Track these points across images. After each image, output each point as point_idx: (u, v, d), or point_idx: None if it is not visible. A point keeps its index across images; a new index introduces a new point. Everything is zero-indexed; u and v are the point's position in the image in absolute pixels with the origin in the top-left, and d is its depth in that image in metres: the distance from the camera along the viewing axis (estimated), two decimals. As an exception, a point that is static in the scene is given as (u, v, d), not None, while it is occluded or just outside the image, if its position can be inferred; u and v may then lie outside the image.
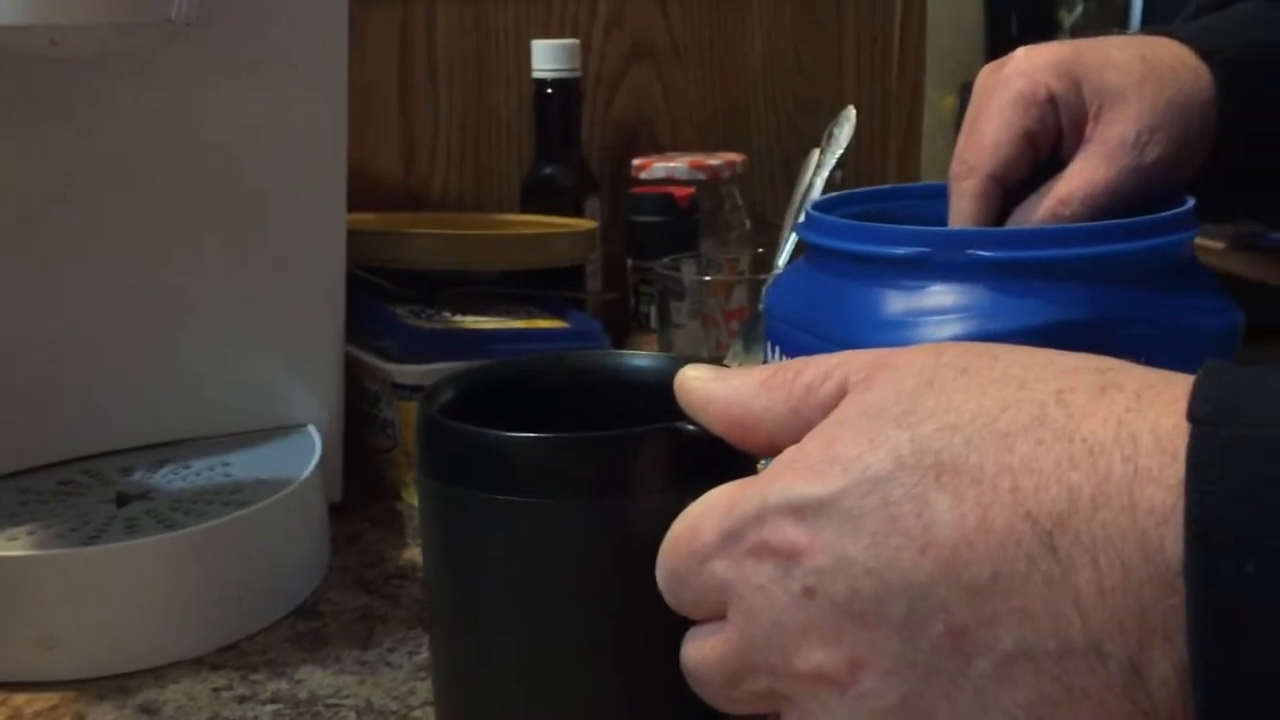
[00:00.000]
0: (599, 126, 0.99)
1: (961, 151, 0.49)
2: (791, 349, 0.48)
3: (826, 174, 0.72)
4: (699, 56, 1.02)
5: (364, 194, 0.84)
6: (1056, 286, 0.42)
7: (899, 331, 0.43)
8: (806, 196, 0.72)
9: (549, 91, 0.89)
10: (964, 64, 1.18)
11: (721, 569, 0.30)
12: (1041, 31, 1.24)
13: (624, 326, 0.87)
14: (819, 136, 0.76)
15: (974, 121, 0.49)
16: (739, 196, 0.94)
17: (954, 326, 0.42)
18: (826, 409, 0.31)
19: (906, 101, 1.10)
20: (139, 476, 0.61)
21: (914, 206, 0.53)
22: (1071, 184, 0.47)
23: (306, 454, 0.63)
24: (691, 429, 0.34)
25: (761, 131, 1.05)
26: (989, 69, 0.50)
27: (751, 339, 0.69)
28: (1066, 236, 0.43)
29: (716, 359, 0.70)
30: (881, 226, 0.45)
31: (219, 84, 0.58)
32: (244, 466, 0.62)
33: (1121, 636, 0.25)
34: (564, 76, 0.89)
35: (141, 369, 0.62)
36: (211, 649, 0.53)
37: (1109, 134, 0.47)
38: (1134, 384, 0.28)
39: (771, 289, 0.51)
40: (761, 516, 0.30)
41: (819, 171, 0.73)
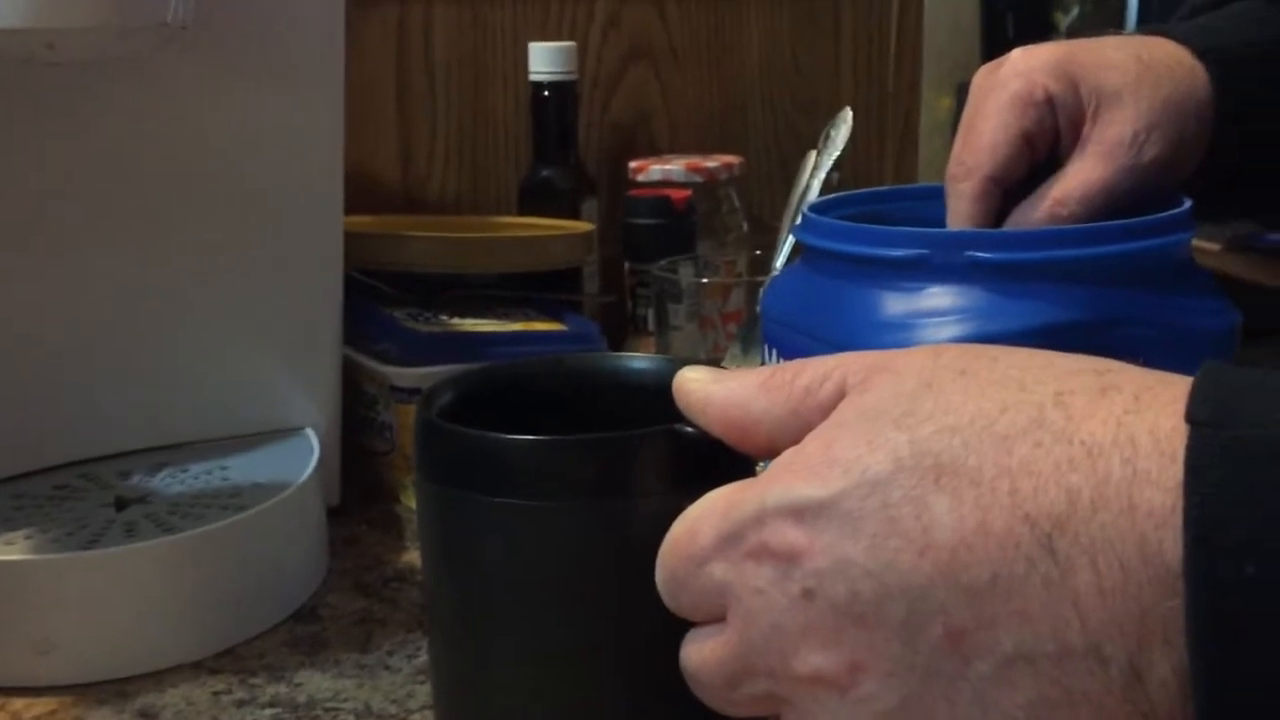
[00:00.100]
0: (596, 128, 0.99)
1: (959, 153, 0.49)
2: (788, 351, 0.48)
3: (824, 175, 0.72)
4: (696, 58, 1.02)
5: (361, 196, 0.84)
6: (1054, 288, 0.42)
7: (897, 333, 0.43)
8: (804, 198, 0.72)
9: (546, 94, 0.89)
10: (960, 65, 1.18)
11: (720, 571, 0.30)
12: (1038, 32, 1.24)
13: (621, 329, 0.87)
14: (816, 138, 0.76)
15: (971, 122, 0.49)
16: (736, 198, 0.94)
17: (952, 328, 0.42)
18: (825, 411, 0.31)
19: (903, 102, 1.10)
20: (137, 480, 0.61)
21: (911, 208, 0.53)
22: (1069, 184, 0.47)
23: (304, 457, 0.63)
24: (690, 431, 0.34)
25: (759, 133, 1.05)
26: (985, 70, 0.50)
27: (749, 341, 0.69)
28: (1064, 238, 0.43)
29: (714, 361, 0.70)
30: (879, 228, 0.45)
31: (216, 87, 0.58)
32: (242, 470, 0.62)
33: (1121, 639, 0.25)
34: (561, 79, 0.89)
35: (139, 372, 0.62)
36: (210, 653, 0.53)
37: (1106, 134, 0.47)
38: (1133, 386, 0.28)
39: (768, 291, 0.51)
40: (761, 518, 0.30)
41: (816, 173, 0.73)
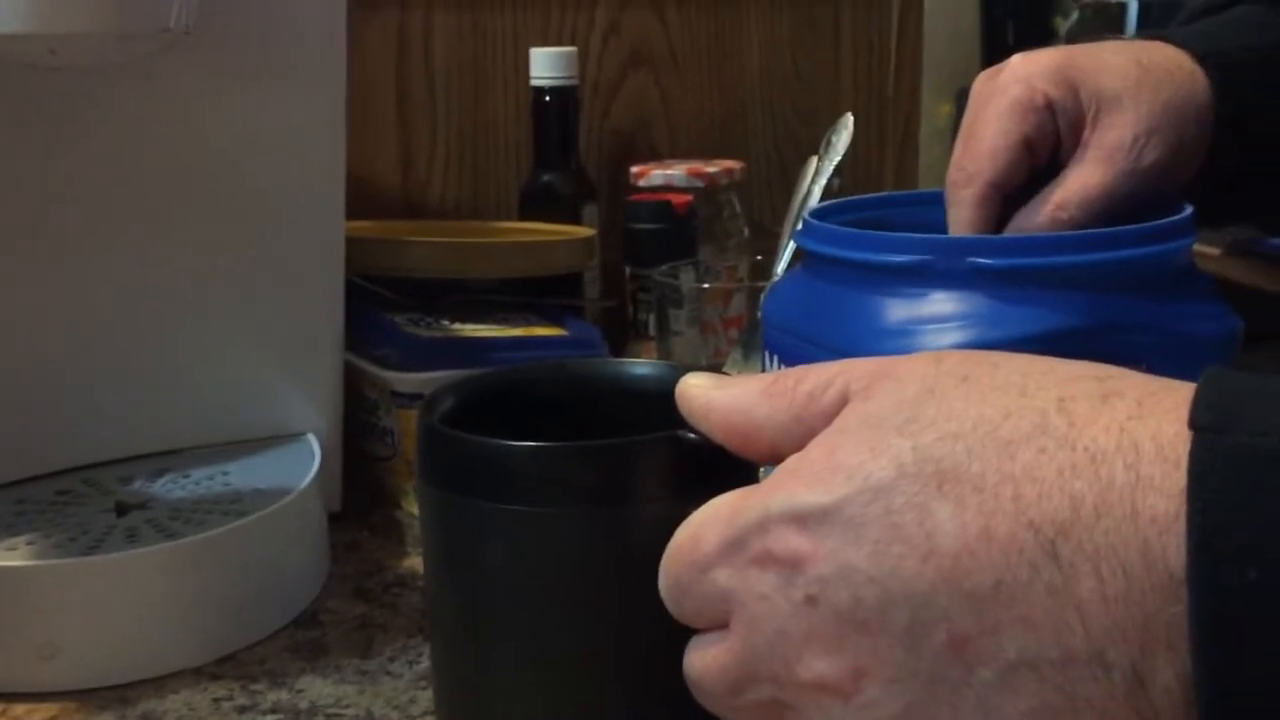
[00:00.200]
0: (597, 134, 0.99)
1: (959, 159, 0.49)
2: (789, 357, 0.48)
3: (824, 181, 0.72)
4: (697, 64, 1.02)
5: (362, 201, 0.84)
6: (1056, 294, 0.42)
7: (898, 339, 0.43)
8: (804, 204, 0.72)
9: (547, 99, 0.89)
10: (960, 71, 1.18)
11: (724, 578, 0.30)
12: (1037, 38, 1.25)
13: (622, 334, 0.87)
14: (817, 144, 0.76)
15: (971, 128, 0.49)
16: (737, 204, 0.94)
17: (954, 334, 0.42)
18: (828, 417, 0.31)
19: (903, 108, 1.10)
20: (138, 486, 0.61)
21: (912, 213, 0.53)
22: (1069, 189, 0.47)
23: (305, 463, 0.63)
24: (693, 437, 0.34)
25: (759, 139, 1.05)
26: (985, 75, 0.50)
27: (750, 347, 0.69)
28: (1065, 244, 0.43)
29: (715, 366, 0.70)
30: (881, 234, 0.45)
31: (218, 92, 0.58)
32: (243, 475, 0.62)
33: (1124, 645, 0.25)
34: (562, 84, 0.89)
35: (140, 377, 0.62)
36: (211, 659, 0.53)
37: (1106, 138, 0.47)
38: (1135, 391, 0.28)
39: (769, 296, 0.51)
40: (764, 525, 0.30)
41: (817, 179, 0.73)
